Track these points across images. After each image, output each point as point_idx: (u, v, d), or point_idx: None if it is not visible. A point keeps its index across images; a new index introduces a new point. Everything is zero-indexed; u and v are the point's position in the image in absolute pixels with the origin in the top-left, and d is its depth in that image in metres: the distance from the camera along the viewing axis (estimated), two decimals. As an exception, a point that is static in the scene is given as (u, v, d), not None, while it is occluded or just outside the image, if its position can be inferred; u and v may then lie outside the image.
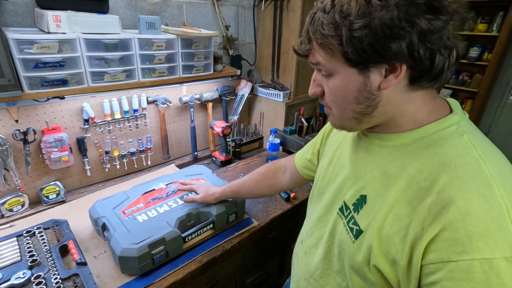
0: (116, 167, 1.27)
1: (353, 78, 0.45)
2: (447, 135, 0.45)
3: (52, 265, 0.79)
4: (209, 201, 0.95)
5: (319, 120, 1.74)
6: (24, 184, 1.07)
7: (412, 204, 0.44)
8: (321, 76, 0.51)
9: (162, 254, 0.82)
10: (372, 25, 0.40)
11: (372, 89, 0.45)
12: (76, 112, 1.12)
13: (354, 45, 0.42)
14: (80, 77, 0.96)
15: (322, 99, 0.52)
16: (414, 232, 0.42)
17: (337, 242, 0.57)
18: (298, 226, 1.30)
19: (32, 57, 0.85)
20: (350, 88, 0.46)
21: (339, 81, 0.47)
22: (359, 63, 0.43)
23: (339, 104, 0.50)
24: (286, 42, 1.46)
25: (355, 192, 0.54)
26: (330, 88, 0.49)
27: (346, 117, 0.50)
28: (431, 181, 0.43)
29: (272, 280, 1.32)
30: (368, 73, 0.44)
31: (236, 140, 1.50)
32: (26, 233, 0.89)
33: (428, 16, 0.39)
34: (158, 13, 1.23)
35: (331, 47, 0.44)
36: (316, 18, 0.45)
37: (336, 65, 0.46)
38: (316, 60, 0.48)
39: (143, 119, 1.29)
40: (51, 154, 1.05)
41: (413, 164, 0.46)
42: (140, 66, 1.08)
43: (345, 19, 0.41)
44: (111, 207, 0.93)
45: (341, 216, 0.56)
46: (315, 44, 0.47)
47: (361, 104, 0.47)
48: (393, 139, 0.50)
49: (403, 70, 0.42)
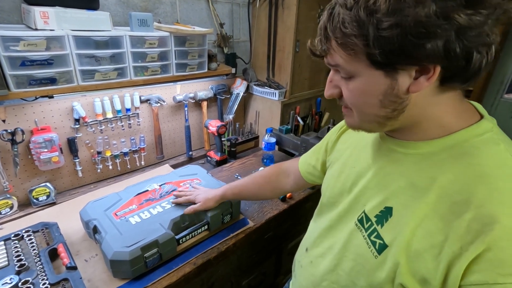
0: (109, 167, 1.25)
1: (378, 81, 0.41)
2: (481, 144, 0.42)
3: (40, 270, 0.76)
4: (209, 206, 0.92)
5: (315, 119, 1.73)
6: (12, 186, 1.04)
7: (446, 219, 0.40)
8: (339, 77, 0.46)
9: (155, 257, 0.80)
10: (404, 23, 0.35)
11: (400, 92, 0.41)
12: (66, 112, 1.09)
13: (382, 46, 0.37)
14: (69, 75, 0.93)
15: (340, 101, 0.49)
16: (451, 250, 0.38)
17: (351, 255, 0.53)
18: (295, 226, 1.29)
19: (19, 55, 0.82)
20: (374, 91, 0.42)
21: (361, 84, 0.43)
22: (387, 65, 0.39)
23: (361, 108, 0.45)
24: (282, 40, 1.44)
25: (378, 203, 0.49)
26: (351, 91, 0.45)
27: (368, 120, 0.47)
28: (466, 194, 0.39)
29: (268, 281, 1.31)
30: (396, 76, 0.40)
31: (231, 139, 1.48)
32: (14, 236, 0.87)
33: (469, 11, 0.34)
34: (150, 10, 1.20)
35: (353, 48, 0.40)
36: (335, 14, 0.40)
37: (358, 67, 0.41)
38: (335, 62, 0.44)
39: (136, 119, 1.26)
40: (41, 155, 1.03)
41: (445, 175, 0.42)
42: (132, 64, 1.05)
43: (371, 17, 0.37)
44: (103, 209, 0.90)
45: (360, 228, 0.52)
46: (334, 44, 0.42)
47: (386, 108, 0.43)
48: (418, 147, 0.46)
49: (437, 71, 0.38)
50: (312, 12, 1.45)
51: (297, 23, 1.36)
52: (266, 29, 1.47)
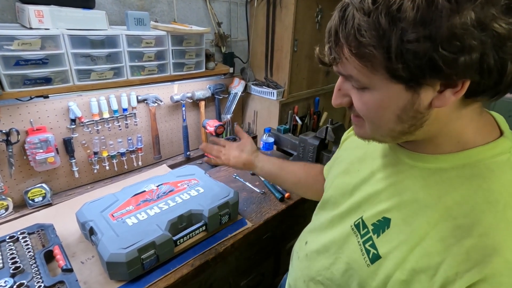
0: (106, 168, 1.24)
1: (397, 95, 0.37)
2: (496, 167, 0.38)
3: (36, 272, 0.75)
4: (233, 164, 0.86)
5: (314, 119, 1.72)
6: (7, 187, 1.02)
7: (446, 242, 0.38)
8: (350, 86, 0.42)
9: (152, 259, 0.79)
10: (436, 36, 0.30)
11: (421, 107, 0.37)
12: (62, 112, 1.07)
13: (407, 61, 0.32)
14: (65, 75, 0.92)
15: (350, 109, 0.44)
16: (446, 275, 0.37)
17: (345, 258, 0.52)
18: (293, 227, 1.28)
19: (13, 54, 0.81)
20: (392, 106, 0.38)
21: (377, 97, 0.38)
22: (410, 80, 0.34)
23: (374, 121, 0.41)
24: (280, 40, 1.44)
25: (377, 212, 0.48)
26: (364, 103, 0.40)
27: (381, 134, 0.43)
28: (471, 219, 0.37)
29: (267, 282, 1.30)
30: (418, 90, 0.35)
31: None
32: (9, 238, 0.85)
33: (510, 19, 0.30)
34: (147, 9, 1.19)
35: (371, 59, 0.35)
36: (349, 18, 0.35)
37: (375, 80, 0.37)
38: (347, 72, 0.39)
39: (133, 119, 1.25)
40: (36, 156, 1.01)
41: (451, 195, 0.40)
42: (128, 63, 1.04)
43: (395, 26, 0.31)
44: (99, 210, 0.89)
45: (356, 233, 0.50)
46: (347, 52, 0.37)
47: (403, 124, 0.39)
48: (427, 160, 0.43)
49: (466, 86, 0.34)
50: (310, 12, 1.45)
51: (295, 22, 1.36)
52: (264, 28, 1.47)
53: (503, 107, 2.46)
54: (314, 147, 1.22)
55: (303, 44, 1.47)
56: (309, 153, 1.24)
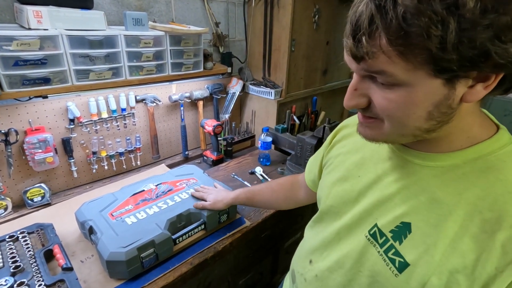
0: (104, 167, 1.24)
1: (434, 91, 0.35)
2: (506, 157, 0.39)
3: (36, 271, 0.76)
4: (219, 207, 0.93)
5: (311, 118, 1.73)
6: (6, 187, 1.03)
7: (478, 238, 0.38)
8: (369, 84, 0.39)
9: (151, 257, 0.80)
10: (497, 24, 0.29)
11: (454, 103, 0.36)
12: (61, 112, 1.08)
13: (461, 52, 0.30)
14: (63, 75, 0.92)
15: (366, 111, 0.41)
16: (486, 271, 0.36)
17: (367, 272, 0.49)
18: (291, 225, 1.29)
19: (11, 55, 0.81)
20: (425, 102, 0.36)
21: (411, 93, 0.35)
22: (454, 74, 0.32)
23: (401, 120, 0.38)
24: (277, 39, 1.44)
25: (393, 218, 0.46)
26: (392, 101, 0.37)
27: (401, 134, 0.40)
28: (498, 212, 0.37)
29: (265, 280, 1.31)
30: (455, 85, 0.34)
31: (228, 138, 1.48)
32: (8, 238, 0.86)
33: None
34: (145, 9, 1.20)
35: (417, 52, 0.32)
36: (389, 4, 0.31)
37: (415, 76, 0.34)
38: (379, 68, 0.35)
39: (131, 118, 1.26)
40: (35, 156, 1.02)
41: (471, 191, 0.39)
42: (127, 63, 1.05)
43: (452, 13, 0.29)
44: (99, 210, 0.90)
45: (374, 243, 0.48)
46: (385, 45, 0.33)
47: (432, 121, 0.37)
48: (439, 159, 0.43)
49: (498, 79, 0.33)
50: (308, 12, 1.46)
51: (292, 22, 1.37)
52: (261, 28, 1.47)
53: (498, 106, 2.48)
54: (312, 146, 1.23)
55: (301, 44, 1.48)
56: (307, 152, 1.26)
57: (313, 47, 1.57)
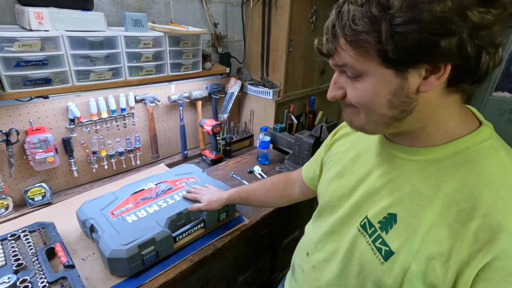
0: (104, 167, 1.25)
1: (388, 80, 0.40)
2: (484, 151, 0.42)
3: (38, 269, 0.77)
4: (213, 208, 0.93)
5: (309, 118, 1.75)
6: (7, 187, 1.04)
7: (453, 227, 0.41)
8: (344, 78, 0.46)
9: (152, 255, 0.81)
10: (419, 19, 0.35)
11: (410, 92, 0.40)
12: (61, 112, 1.09)
13: (396, 43, 0.36)
14: (64, 76, 0.94)
15: (344, 102, 0.48)
16: (459, 258, 0.39)
17: (357, 260, 0.53)
18: (289, 223, 1.31)
19: (13, 56, 0.82)
20: (383, 91, 0.41)
21: (371, 83, 0.42)
22: (398, 63, 0.38)
23: (369, 107, 0.44)
24: (275, 40, 1.46)
25: (381, 209, 0.49)
26: (358, 90, 0.44)
27: (374, 121, 0.46)
28: (472, 202, 0.40)
29: (264, 277, 1.33)
30: (406, 75, 0.39)
31: (226, 138, 1.49)
32: (10, 236, 0.87)
33: (482, 9, 0.34)
34: (144, 10, 1.21)
35: (364, 45, 0.39)
36: (344, 12, 0.40)
37: (368, 66, 0.41)
38: (342, 61, 0.43)
39: (131, 118, 1.27)
40: (36, 155, 1.03)
41: (449, 183, 0.43)
42: (126, 64, 1.06)
43: (384, 13, 0.36)
44: (99, 208, 0.91)
45: (364, 234, 0.52)
46: (342, 42, 0.41)
47: (395, 109, 0.42)
48: (422, 153, 0.46)
49: (448, 70, 0.38)
50: (305, 12, 1.47)
51: (290, 23, 1.38)
52: (259, 28, 1.49)
53: (494, 105, 2.51)
54: (310, 145, 1.24)
55: (298, 44, 1.49)
56: (305, 151, 1.27)
57: (311, 48, 1.57)
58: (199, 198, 0.96)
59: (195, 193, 0.99)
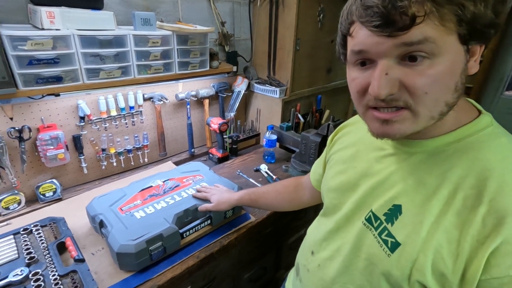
0: (113, 164, 1.27)
1: (461, 59, 0.37)
2: (485, 138, 0.42)
3: (50, 262, 0.79)
4: (222, 208, 0.93)
5: (316, 116, 1.75)
6: (20, 182, 1.06)
7: (460, 214, 0.41)
8: (398, 67, 0.38)
9: (159, 250, 0.83)
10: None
11: (467, 73, 0.39)
12: (72, 110, 1.11)
13: (476, 15, 0.34)
14: (75, 74, 0.95)
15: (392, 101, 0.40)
16: (468, 245, 0.39)
17: (363, 255, 0.52)
18: (294, 221, 1.31)
19: (26, 54, 0.85)
20: (457, 71, 0.38)
21: (447, 63, 0.37)
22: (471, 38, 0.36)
23: (435, 97, 0.38)
24: (282, 38, 1.46)
25: (385, 201, 0.49)
26: (430, 75, 0.37)
27: (431, 116, 0.40)
28: (478, 188, 0.40)
29: (269, 275, 1.34)
30: (468, 54, 0.38)
31: (233, 136, 1.50)
32: (23, 230, 0.89)
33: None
34: (152, 9, 1.22)
35: (451, 15, 0.34)
36: None
37: (449, 41, 0.36)
38: (422, 36, 0.35)
39: (139, 116, 1.29)
40: (47, 152, 1.05)
41: (454, 170, 0.43)
42: (135, 62, 1.08)
43: None
44: (108, 204, 0.93)
45: (370, 228, 0.51)
46: (430, 8, 0.34)
47: (457, 93, 0.39)
48: (424, 145, 0.46)
49: (481, 51, 0.38)
50: (312, 11, 1.47)
51: (297, 21, 1.38)
52: (266, 27, 1.49)
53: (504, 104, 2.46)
54: (316, 143, 1.24)
55: (305, 43, 1.49)
56: (311, 150, 1.27)
57: (318, 46, 1.59)
58: (209, 197, 0.96)
59: (205, 192, 0.99)
